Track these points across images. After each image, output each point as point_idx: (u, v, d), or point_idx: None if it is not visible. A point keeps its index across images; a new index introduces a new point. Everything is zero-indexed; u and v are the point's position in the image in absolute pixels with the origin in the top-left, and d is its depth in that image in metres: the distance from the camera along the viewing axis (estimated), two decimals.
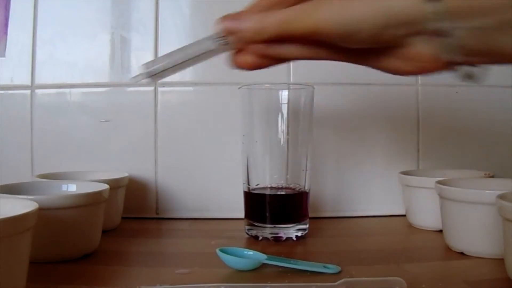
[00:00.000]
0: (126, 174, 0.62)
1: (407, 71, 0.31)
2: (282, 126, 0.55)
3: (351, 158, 0.69)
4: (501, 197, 0.41)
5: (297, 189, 0.56)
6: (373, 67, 0.32)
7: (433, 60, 0.29)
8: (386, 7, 0.28)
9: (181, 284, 0.38)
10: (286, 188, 0.55)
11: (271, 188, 0.55)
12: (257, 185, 0.56)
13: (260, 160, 0.55)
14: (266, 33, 0.31)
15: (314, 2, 0.30)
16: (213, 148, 0.68)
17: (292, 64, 0.67)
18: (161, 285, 0.38)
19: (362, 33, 0.29)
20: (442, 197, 0.50)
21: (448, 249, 0.50)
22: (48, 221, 0.43)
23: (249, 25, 0.32)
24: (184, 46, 0.35)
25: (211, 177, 0.68)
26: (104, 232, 0.51)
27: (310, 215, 0.57)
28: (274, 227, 0.54)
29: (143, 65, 0.35)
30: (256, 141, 0.55)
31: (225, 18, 0.33)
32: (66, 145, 0.68)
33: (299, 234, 0.55)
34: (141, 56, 0.67)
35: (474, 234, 0.47)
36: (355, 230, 0.62)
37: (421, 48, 0.29)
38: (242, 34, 0.32)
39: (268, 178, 0.55)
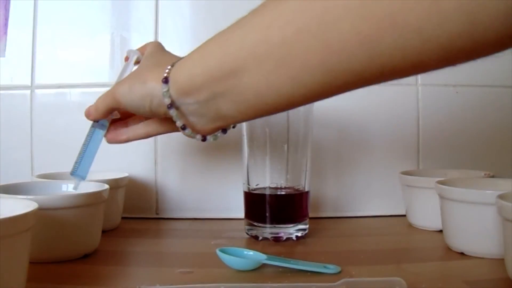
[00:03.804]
0: (126, 174, 0.62)
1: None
2: (282, 126, 0.55)
3: (351, 158, 0.69)
4: (501, 197, 0.41)
5: (297, 189, 0.56)
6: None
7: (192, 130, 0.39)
8: (143, 90, 0.39)
9: (181, 284, 0.38)
10: (286, 188, 0.55)
11: (271, 188, 0.55)
12: (257, 185, 0.56)
13: (260, 160, 0.55)
14: (100, 107, 0.44)
15: (119, 82, 0.43)
16: (213, 148, 0.68)
17: None
18: (161, 285, 0.38)
19: (144, 108, 0.40)
20: (442, 197, 0.50)
21: (448, 249, 0.50)
22: (48, 221, 0.43)
23: (90, 107, 0.45)
24: (85, 141, 0.47)
25: (211, 177, 0.68)
26: (104, 232, 0.51)
27: (310, 215, 0.57)
28: (274, 227, 0.54)
29: (71, 172, 0.47)
30: (256, 141, 0.55)
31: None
32: (66, 145, 0.67)
33: (299, 234, 0.55)
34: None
35: (474, 234, 0.47)
36: (355, 230, 0.62)
37: (175, 120, 0.39)
38: (90, 114, 0.45)
39: (268, 178, 0.55)
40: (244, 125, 0.56)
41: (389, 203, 0.68)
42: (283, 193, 0.56)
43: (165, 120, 0.42)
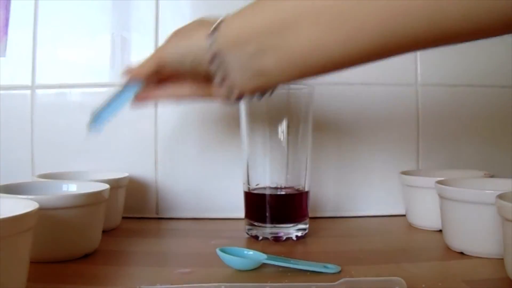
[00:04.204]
0: (126, 174, 0.62)
1: (221, 97, 0.41)
2: (282, 126, 0.55)
3: (351, 158, 0.69)
4: (501, 197, 0.41)
5: (297, 189, 0.56)
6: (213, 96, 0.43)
7: (223, 88, 0.39)
8: (188, 45, 0.40)
9: (181, 284, 0.38)
10: (286, 188, 0.55)
11: (271, 188, 0.55)
12: (257, 185, 0.56)
13: (260, 160, 0.55)
14: (145, 65, 0.44)
15: (165, 42, 0.43)
16: (213, 148, 0.68)
17: None
18: (161, 285, 0.38)
19: (185, 65, 0.40)
20: (442, 197, 0.50)
21: (447, 249, 0.50)
22: (48, 221, 0.43)
23: (136, 66, 0.45)
24: (115, 93, 0.46)
25: (211, 177, 0.68)
26: (104, 232, 0.51)
27: (310, 215, 0.57)
28: (274, 227, 0.54)
29: (90, 123, 0.46)
30: (256, 141, 0.55)
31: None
32: (66, 145, 0.68)
33: (299, 234, 0.55)
34: (141, 56, 0.67)
35: (474, 234, 0.47)
36: (355, 230, 0.62)
37: (216, 74, 0.38)
38: (133, 72, 0.45)
39: (268, 178, 0.55)
40: (244, 124, 0.56)
41: (389, 203, 0.68)
42: (283, 193, 0.56)
43: (198, 82, 0.42)
